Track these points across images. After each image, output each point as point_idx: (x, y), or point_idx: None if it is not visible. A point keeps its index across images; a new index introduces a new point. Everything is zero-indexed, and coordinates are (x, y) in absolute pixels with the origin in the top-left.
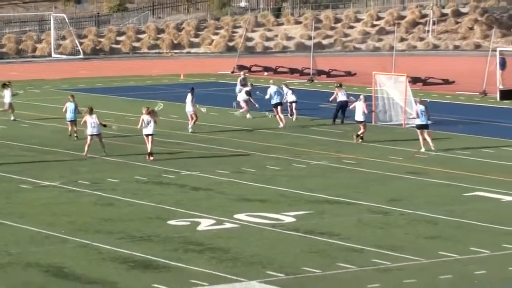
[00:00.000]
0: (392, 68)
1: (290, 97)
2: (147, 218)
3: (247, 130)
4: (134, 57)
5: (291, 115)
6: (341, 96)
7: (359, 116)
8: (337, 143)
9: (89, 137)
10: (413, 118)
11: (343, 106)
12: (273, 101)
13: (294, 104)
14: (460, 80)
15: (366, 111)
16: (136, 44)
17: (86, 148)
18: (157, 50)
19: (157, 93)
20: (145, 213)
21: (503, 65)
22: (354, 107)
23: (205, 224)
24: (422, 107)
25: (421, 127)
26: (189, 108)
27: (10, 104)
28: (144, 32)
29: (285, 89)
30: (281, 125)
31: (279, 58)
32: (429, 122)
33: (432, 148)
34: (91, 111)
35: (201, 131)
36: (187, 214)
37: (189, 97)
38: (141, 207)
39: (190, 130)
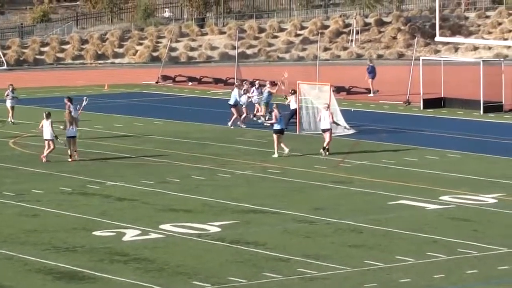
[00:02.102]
0: (316, 78)
1: (255, 97)
2: (72, 229)
3: (172, 140)
4: (58, 68)
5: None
6: (294, 104)
7: (326, 124)
8: (262, 152)
9: (46, 142)
10: (271, 123)
11: (295, 114)
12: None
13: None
14: (384, 89)
15: (331, 120)
16: (60, 55)
17: (45, 152)
18: (81, 61)
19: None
20: (70, 224)
21: (372, 72)
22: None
23: (131, 234)
24: (276, 112)
25: (279, 132)
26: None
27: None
28: (68, 43)
29: (253, 89)
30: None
31: (203, 68)
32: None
33: (286, 152)
34: (48, 116)
35: (125, 141)
36: (112, 224)
37: (71, 106)
38: (66, 218)
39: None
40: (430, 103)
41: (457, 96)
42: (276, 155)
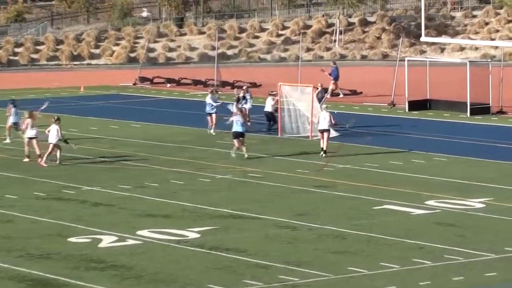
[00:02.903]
0: (298, 79)
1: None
2: (47, 235)
3: (150, 144)
4: (33, 69)
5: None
6: (268, 106)
7: (324, 125)
8: (243, 156)
9: (50, 145)
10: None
11: (272, 117)
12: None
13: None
14: (368, 90)
15: (332, 121)
16: (35, 56)
17: (45, 156)
18: (56, 62)
19: (57, 106)
20: (45, 230)
21: (336, 75)
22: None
23: (107, 241)
24: (238, 117)
25: (238, 135)
26: (15, 119)
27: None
28: (42, 43)
29: (246, 94)
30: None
31: (182, 69)
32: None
33: (245, 156)
34: (57, 121)
35: (102, 145)
36: (88, 230)
37: (13, 110)
38: (40, 224)
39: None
40: (415, 105)
41: (443, 98)
42: (234, 155)
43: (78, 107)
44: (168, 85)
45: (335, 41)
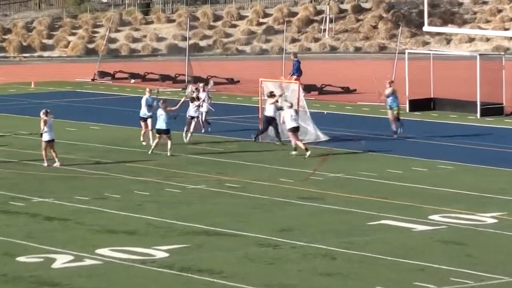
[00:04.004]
0: (282, 74)
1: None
2: None
3: (111, 149)
4: None
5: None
6: (270, 110)
7: (293, 123)
8: (218, 163)
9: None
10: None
11: (271, 123)
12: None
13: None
14: (363, 88)
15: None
16: None
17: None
18: (3, 54)
19: (4, 105)
20: None
21: (298, 69)
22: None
23: (62, 260)
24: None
25: (161, 132)
26: None
27: None
28: None
29: (202, 94)
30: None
31: (148, 62)
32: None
33: (169, 153)
34: (48, 114)
35: (55, 149)
36: (40, 249)
37: None
38: None
39: None
40: (417, 105)
41: (450, 97)
42: (149, 152)
43: (29, 106)
44: (132, 80)
45: (324, 30)
